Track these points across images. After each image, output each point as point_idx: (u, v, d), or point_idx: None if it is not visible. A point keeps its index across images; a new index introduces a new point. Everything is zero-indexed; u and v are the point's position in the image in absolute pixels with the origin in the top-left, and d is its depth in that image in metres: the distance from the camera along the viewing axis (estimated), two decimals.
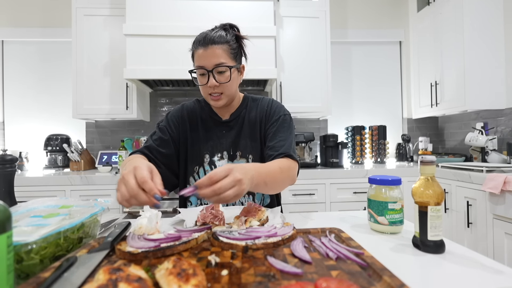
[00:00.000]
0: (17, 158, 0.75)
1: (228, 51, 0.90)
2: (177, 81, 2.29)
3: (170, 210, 1.87)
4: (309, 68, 2.35)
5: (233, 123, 1.02)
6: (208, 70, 0.88)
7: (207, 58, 0.87)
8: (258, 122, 1.01)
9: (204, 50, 0.87)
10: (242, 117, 1.02)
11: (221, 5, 2.09)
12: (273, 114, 1.00)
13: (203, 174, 0.99)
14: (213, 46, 0.87)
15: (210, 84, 0.89)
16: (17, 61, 2.58)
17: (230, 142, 1.00)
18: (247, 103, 1.04)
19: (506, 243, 1.49)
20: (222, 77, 0.90)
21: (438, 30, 2.32)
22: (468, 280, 0.45)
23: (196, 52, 0.90)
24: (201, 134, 1.01)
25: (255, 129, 1.00)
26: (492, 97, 2.07)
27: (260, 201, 1.00)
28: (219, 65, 0.88)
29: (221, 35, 0.89)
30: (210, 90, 0.91)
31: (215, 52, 0.87)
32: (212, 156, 0.99)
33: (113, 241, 0.54)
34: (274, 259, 0.47)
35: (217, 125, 1.02)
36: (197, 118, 1.03)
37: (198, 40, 0.90)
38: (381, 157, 2.51)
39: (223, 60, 0.88)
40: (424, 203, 0.57)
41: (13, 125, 2.57)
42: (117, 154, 2.39)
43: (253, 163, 0.80)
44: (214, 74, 0.88)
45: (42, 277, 0.41)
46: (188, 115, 1.03)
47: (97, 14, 2.23)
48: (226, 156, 0.99)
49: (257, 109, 1.02)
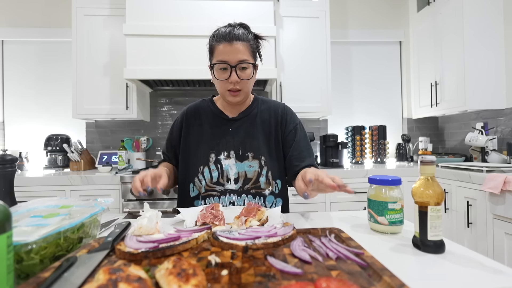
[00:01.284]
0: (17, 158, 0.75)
1: (250, 49, 0.91)
2: (177, 81, 2.29)
3: (170, 210, 1.87)
4: (309, 68, 2.34)
5: (241, 122, 1.00)
6: (232, 66, 0.88)
7: (232, 53, 0.87)
8: (274, 125, 1.01)
9: (229, 45, 0.87)
10: (253, 117, 1.01)
11: (221, 5, 2.09)
12: (290, 121, 1.02)
13: (208, 173, 0.97)
14: (238, 42, 0.88)
15: (231, 79, 0.89)
16: (17, 61, 2.58)
17: (239, 142, 0.98)
18: (258, 104, 1.04)
19: (506, 243, 1.49)
20: (244, 73, 0.90)
21: (438, 30, 2.32)
22: (468, 280, 0.45)
23: (218, 46, 0.89)
24: (206, 133, 1.00)
25: (270, 131, 1.00)
26: (492, 97, 2.07)
27: (272, 204, 0.98)
28: (243, 62, 0.88)
29: (244, 32, 0.91)
30: (230, 86, 0.91)
31: (239, 49, 0.88)
32: (218, 154, 0.98)
33: (113, 241, 0.54)
34: (274, 259, 0.47)
35: (224, 123, 1.01)
36: (202, 117, 1.03)
37: (222, 35, 0.89)
38: (381, 157, 2.50)
39: (246, 57, 0.89)
40: (424, 203, 0.57)
41: (13, 125, 2.57)
42: (117, 154, 2.39)
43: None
44: (237, 70, 0.88)
45: (42, 277, 0.41)
46: (191, 116, 1.04)
47: (97, 14, 2.23)
48: (234, 156, 0.97)
49: (271, 112, 1.03)
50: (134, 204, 1.88)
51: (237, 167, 0.97)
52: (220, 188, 0.96)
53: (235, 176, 0.96)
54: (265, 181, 0.96)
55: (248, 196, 0.96)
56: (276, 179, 0.99)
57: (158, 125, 2.66)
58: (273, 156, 0.99)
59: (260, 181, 0.96)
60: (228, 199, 0.95)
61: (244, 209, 0.75)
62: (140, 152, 2.45)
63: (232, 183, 0.96)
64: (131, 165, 2.34)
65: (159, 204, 1.89)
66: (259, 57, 0.98)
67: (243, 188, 0.96)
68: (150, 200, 1.88)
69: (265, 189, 0.97)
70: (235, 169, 0.97)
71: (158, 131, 2.65)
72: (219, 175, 0.96)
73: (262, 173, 0.97)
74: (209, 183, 0.96)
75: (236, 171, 0.96)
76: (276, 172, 0.99)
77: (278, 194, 0.99)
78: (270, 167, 0.98)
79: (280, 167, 1.01)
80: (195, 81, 2.27)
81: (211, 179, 0.96)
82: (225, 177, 0.96)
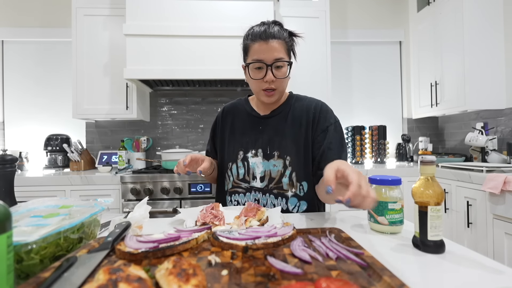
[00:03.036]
0: (17, 158, 0.75)
1: (285, 47, 0.89)
2: (177, 81, 2.29)
3: (170, 210, 1.87)
4: (309, 68, 2.34)
5: (272, 120, 0.99)
6: (268, 64, 0.86)
7: (268, 52, 0.86)
8: (305, 124, 0.95)
9: (264, 43, 0.86)
10: (284, 115, 0.98)
11: (221, 5, 2.09)
12: (323, 120, 0.95)
13: (235, 170, 0.98)
14: (273, 40, 0.86)
15: (267, 78, 0.87)
16: (17, 61, 2.58)
17: (267, 140, 0.96)
18: (292, 102, 1.00)
19: (506, 243, 1.49)
20: (280, 72, 0.88)
21: (438, 30, 2.32)
22: (468, 280, 0.45)
23: (253, 45, 0.88)
24: (238, 131, 1.01)
25: (300, 130, 0.95)
26: (492, 97, 2.07)
27: (294, 206, 0.94)
28: (279, 60, 0.86)
29: (279, 30, 0.88)
30: (266, 85, 0.89)
31: (275, 47, 0.86)
32: (246, 152, 0.98)
33: (113, 241, 0.54)
34: (274, 259, 0.47)
35: (255, 121, 1.00)
36: (235, 115, 1.04)
37: (257, 33, 0.87)
38: (381, 157, 2.51)
39: (282, 55, 0.87)
40: (424, 203, 0.57)
41: (13, 125, 2.57)
42: (117, 154, 2.39)
43: None
44: (273, 69, 0.87)
45: (42, 277, 0.41)
46: (226, 115, 1.06)
47: (97, 14, 2.23)
48: (261, 154, 0.96)
49: (303, 110, 0.97)
50: (134, 204, 1.88)
51: (264, 165, 0.96)
52: (245, 185, 0.97)
53: (261, 175, 0.96)
54: (287, 182, 0.93)
55: (271, 196, 0.95)
56: (302, 181, 0.94)
57: (158, 125, 2.66)
58: (300, 156, 0.94)
59: (283, 181, 0.94)
60: (253, 196, 0.96)
61: (244, 209, 0.75)
62: (140, 152, 2.45)
63: (258, 181, 0.96)
64: (131, 165, 2.34)
65: (159, 204, 1.89)
66: (293, 55, 0.96)
67: (268, 187, 0.95)
68: (150, 200, 1.88)
69: (287, 191, 0.94)
70: (261, 167, 0.96)
71: (158, 131, 2.65)
72: (245, 172, 0.97)
73: (285, 174, 0.94)
74: (236, 180, 0.98)
75: (263, 170, 0.96)
76: (302, 173, 0.94)
77: (303, 197, 0.95)
78: (296, 168, 0.94)
79: (308, 169, 0.95)
80: (195, 81, 2.27)
81: (237, 176, 0.98)
82: (251, 174, 0.96)
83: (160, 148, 2.64)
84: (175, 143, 2.66)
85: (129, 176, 1.92)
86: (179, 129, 2.67)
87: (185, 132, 2.68)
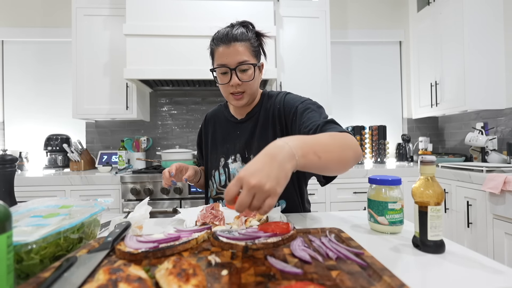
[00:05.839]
0: (17, 158, 0.75)
1: (250, 49, 0.87)
2: (177, 81, 2.29)
3: (170, 210, 1.87)
4: (309, 68, 2.34)
5: (247, 123, 0.98)
6: (231, 68, 0.84)
7: (230, 55, 0.84)
8: (270, 123, 0.93)
9: (227, 47, 0.84)
10: (257, 116, 0.96)
11: (221, 5, 2.09)
12: (290, 108, 0.89)
13: (217, 178, 0.98)
14: (236, 43, 0.84)
15: (232, 82, 0.86)
16: (17, 61, 2.58)
17: (244, 144, 0.96)
18: (263, 101, 0.98)
19: (506, 243, 1.49)
20: (245, 75, 0.87)
21: (438, 30, 2.32)
22: (468, 280, 0.45)
23: (217, 49, 0.86)
24: (219, 138, 1.01)
25: (274, 128, 0.93)
26: (492, 97, 2.07)
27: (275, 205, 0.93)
28: (242, 63, 0.84)
29: (243, 32, 0.86)
30: (232, 89, 0.87)
31: (238, 50, 0.84)
32: (227, 158, 0.97)
33: (113, 241, 0.54)
34: (274, 259, 0.47)
35: (233, 126, 1.00)
36: (216, 122, 1.04)
37: (219, 37, 0.86)
38: (381, 157, 2.50)
39: (246, 57, 0.85)
40: (424, 203, 0.57)
41: (13, 125, 2.57)
42: (117, 154, 2.39)
43: (289, 137, 0.56)
44: (237, 72, 0.85)
45: (42, 277, 0.41)
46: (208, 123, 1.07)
47: (97, 14, 2.23)
48: (240, 159, 0.96)
49: (271, 108, 0.94)
50: (134, 204, 1.88)
51: None
52: None
53: None
54: None
55: None
56: None
57: (158, 125, 2.66)
58: None
59: None
60: None
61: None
62: (140, 152, 2.45)
63: None
64: (131, 165, 2.34)
65: (159, 204, 1.89)
66: (263, 54, 0.94)
67: None
68: (150, 200, 1.88)
69: None
70: None
71: (158, 131, 2.65)
72: (226, 179, 0.97)
73: None
74: (218, 187, 0.98)
75: None
76: None
77: (281, 196, 0.91)
78: None
79: None
80: (195, 81, 2.27)
81: (219, 183, 0.98)
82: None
83: (160, 148, 2.64)
84: (175, 143, 2.66)
85: (129, 176, 1.92)
86: (179, 129, 2.67)
87: (185, 132, 2.68)
